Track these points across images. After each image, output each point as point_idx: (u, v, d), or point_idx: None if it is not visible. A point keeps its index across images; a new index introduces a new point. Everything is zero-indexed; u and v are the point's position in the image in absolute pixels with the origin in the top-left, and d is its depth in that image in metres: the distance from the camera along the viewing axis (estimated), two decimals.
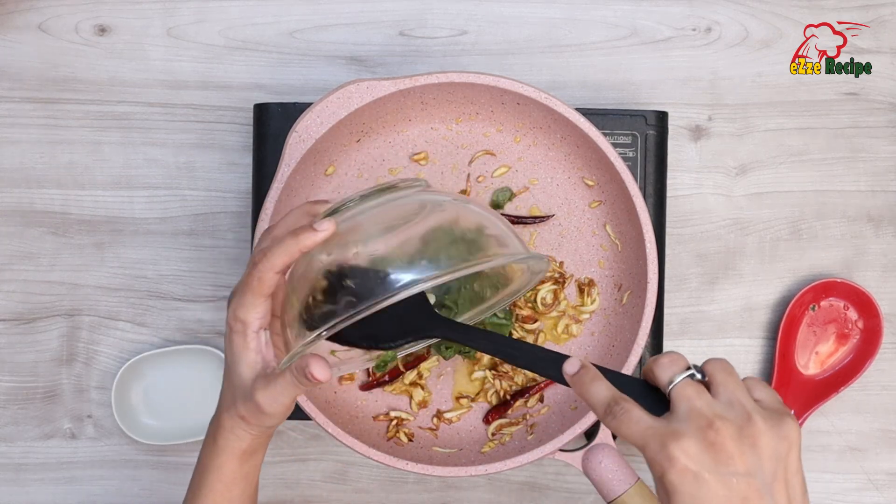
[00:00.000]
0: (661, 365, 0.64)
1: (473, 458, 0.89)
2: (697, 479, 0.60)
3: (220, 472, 0.75)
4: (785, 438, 0.62)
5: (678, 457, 0.60)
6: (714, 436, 0.60)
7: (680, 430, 0.61)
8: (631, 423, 0.63)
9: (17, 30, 1.01)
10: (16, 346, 1.01)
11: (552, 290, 0.93)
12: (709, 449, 0.60)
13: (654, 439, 0.61)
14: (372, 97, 0.86)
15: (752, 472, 0.61)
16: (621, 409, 0.63)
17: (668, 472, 0.60)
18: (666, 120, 0.96)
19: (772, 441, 0.61)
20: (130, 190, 1.01)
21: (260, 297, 0.69)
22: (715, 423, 0.61)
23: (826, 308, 1.03)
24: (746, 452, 0.61)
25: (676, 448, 0.60)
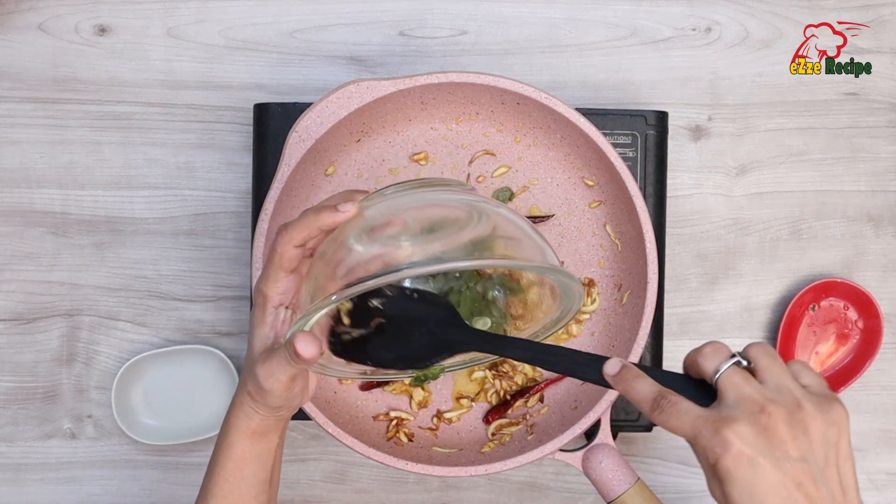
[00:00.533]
0: (704, 355, 0.63)
1: (473, 458, 0.89)
2: (753, 463, 0.60)
3: (230, 449, 0.75)
4: (835, 423, 0.61)
5: (733, 441, 0.60)
6: (767, 420, 0.60)
7: (732, 416, 0.61)
8: (680, 414, 0.62)
9: (17, 30, 1.01)
10: (16, 346, 1.01)
11: None
12: (762, 433, 0.60)
13: (705, 427, 0.61)
14: (372, 97, 0.86)
15: (805, 457, 0.60)
16: (668, 403, 0.63)
17: (723, 458, 0.60)
18: (666, 120, 0.96)
19: (822, 426, 0.61)
20: (130, 190, 1.01)
21: (281, 272, 0.69)
22: (767, 407, 0.60)
23: (826, 308, 1.03)
24: (799, 437, 0.60)
25: (730, 433, 0.60)
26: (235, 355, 1.01)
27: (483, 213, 0.68)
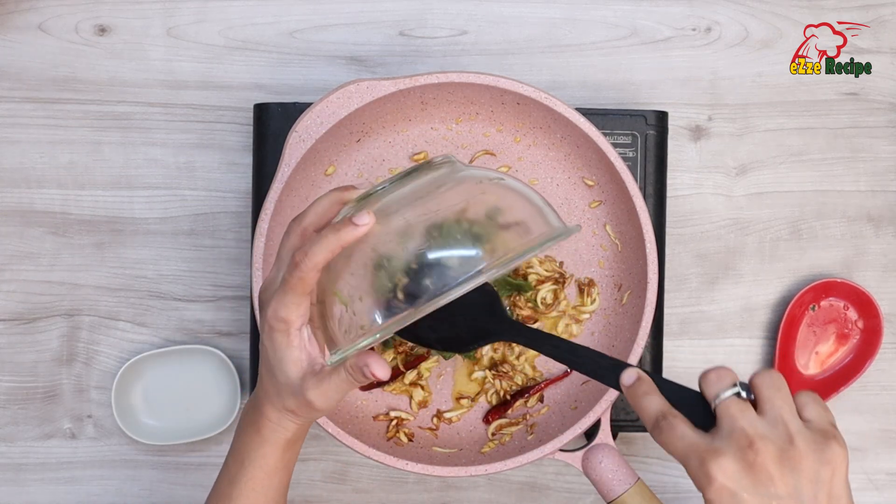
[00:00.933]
0: (707, 380, 0.64)
1: (473, 458, 0.89)
2: (735, 498, 0.60)
3: (263, 461, 0.75)
4: (828, 463, 0.61)
5: (716, 475, 0.60)
6: (754, 457, 0.60)
7: (720, 448, 0.61)
8: (675, 438, 0.63)
9: (17, 30, 1.01)
10: (16, 346, 1.01)
11: (552, 289, 0.93)
12: (748, 469, 0.60)
13: (694, 456, 0.62)
14: (372, 97, 0.86)
15: (792, 495, 0.60)
16: (668, 424, 0.64)
17: (707, 490, 0.61)
18: (666, 120, 0.96)
19: (814, 465, 0.61)
20: (130, 190, 1.01)
21: (303, 297, 0.68)
22: (756, 443, 0.61)
23: (826, 308, 1.03)
24: (787, 475, 0.61)
25: (715, 466, 0.61)
26: (235, 355, 1.01)
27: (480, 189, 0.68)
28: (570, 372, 0.93)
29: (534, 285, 0.92)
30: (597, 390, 0.89)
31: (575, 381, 0.93)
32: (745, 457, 0.61)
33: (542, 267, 0.93)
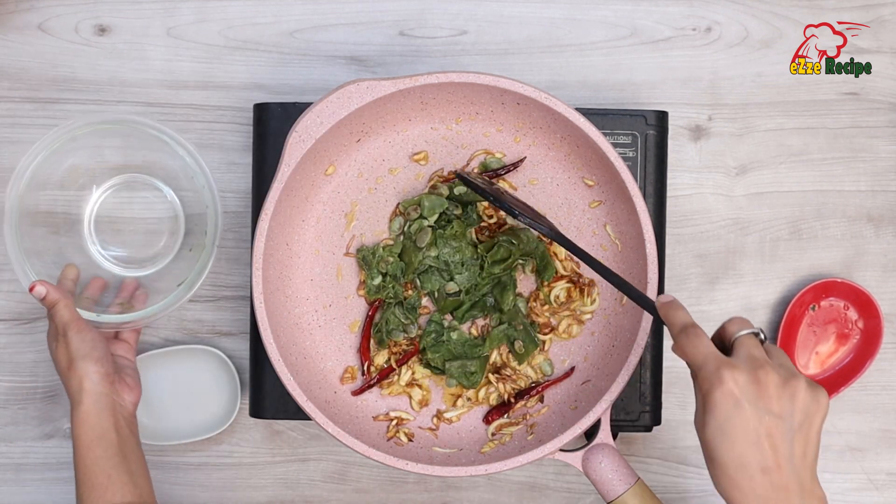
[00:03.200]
0: (731, 322, 0.75)
1: (473, 458, 0.89)
2: (737, 404, 0.69)
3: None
4: (818, 401, 0.71)
5: (727, 380, 0.70)
6: (763, 375, 0.70)
7: (736, 363, 0.71)
8: (699, 344, 0.72)
9: (17, 30, 1.01)
10: (16, 346, 1.01)
11: (566, 287, 0.93)
12: (755, 384, 0.70)
13: (712, 362, 0.71)
14: (372, 97, 0.86)
15: (783, 416, 0.70)
16: (694, 332, 0.73)
17: (715, 391, 0.70)
18: (666, 120, 0.96)
19: (808, 399, 0.70)
20: (130, 190, 1.01)
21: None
22: (766, 366, 0.70)
23: (826, 308, 1.03)
24: (784, 399, 0.70)
25: (728, 374, 0.70)
26: (235, 355, 1.01)
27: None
28: (571, 372, 0.93)
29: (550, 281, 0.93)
30: (597, 390, 0.89)
31: (575, 381, 0.93)
32: (755, 373, 0.70)
33: (562, 264, 0.93)
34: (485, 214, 0.93)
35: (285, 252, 0.91)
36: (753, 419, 0.69)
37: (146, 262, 1.01)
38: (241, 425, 1.02)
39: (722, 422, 0.69)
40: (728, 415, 0.69)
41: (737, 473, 0.69)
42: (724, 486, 0.70)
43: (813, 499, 0.70)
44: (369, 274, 0.93)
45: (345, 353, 0.94)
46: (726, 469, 0.70)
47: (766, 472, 0.69)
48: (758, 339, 0.73)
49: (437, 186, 0.93)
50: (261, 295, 0.86)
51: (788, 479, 0.69)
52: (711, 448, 0.70)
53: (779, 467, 0.69)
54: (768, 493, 0.69)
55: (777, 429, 0.69)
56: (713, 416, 0.70)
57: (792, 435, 0.70)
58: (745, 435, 0.69)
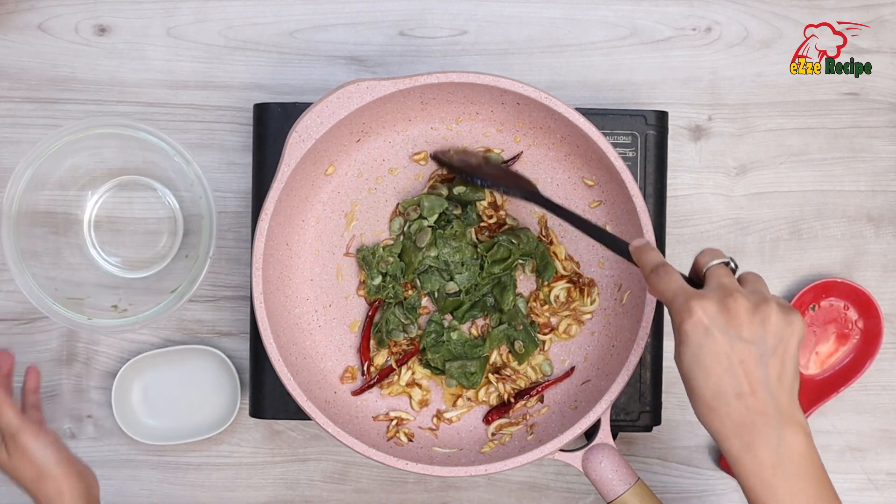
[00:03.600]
0: (702, 254, 0.75)
1: (473, 458, 0.89)
2: (707, 332, 0.70)
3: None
4: (791, 325, 0.71)
5: (696, 310, 0.70)
6: (732, 303, 0.70)
7: (705, 293, 0.71)
8: (670, 280, 0.73)
9: (17, 30, 1.01)
10: (16, 346, 1.01)
11: (566, 287, 0.93)
12: (724, 312, 0.70)
13: (681, 295, 0.72)
14: (372, 97, 0.85)
15: (755, 341, 0.70)
16: (665, 270, 0.74)
17: (685, 322, 0.71)
18: (666, 120, 0.96)
19: (780, 322, 0.71)
20: (130, 190, 1.01)
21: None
22: (735, 293, 0.71)
23: (826, 308, 1.03)
24: (755, 324, 0.70)
25: (697, 304, 0.70)
26: (235, 355, 1.01)
27: None
28: (571, 372, 0.93)
29: (551, 281, 0.93)
30: (597, 390, 0.89)
31: (575, 381, 0.93)
32: (724, 301, 0.70)
33: (562, 264, 0.93)
34: (485, 214, 0.93)
35: (285, 252, 0.91)
36: (725, 346, 0.70)
37: (145, 263, 1.01)
38: (241, 425, 1.02)
39: (695, 351, 0.70)
40: (700, 344, 0.70)
41: (713, 401, 0.70)
42: (703, 414, 0.71)
43: (792, 423, 0.70)
44: (369, 274, 0.93)
45: (345, 353, 0.94)
46: (703, 398, 0.71)
47: (741, 398, 0.70)
48: (728, 269, 0.74)
49: (436, 186, 0.93)
50: (261, 295, 0.86)
51: (765, 403, 0.70)
52: (688, 379, 0.71)
53: (753, 392, 0.70)
54: (744, 417, 0.70)
55: (749, 354, 0.70)
56: (686, 346, 0.71)
57: (766, 359, 0.70)
58: (717, 362, 0.70)
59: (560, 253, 0.93)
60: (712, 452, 1.03)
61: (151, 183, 1.01)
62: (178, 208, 1.01)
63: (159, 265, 1.01)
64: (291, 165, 0.86)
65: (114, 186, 1.01)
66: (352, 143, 0.91)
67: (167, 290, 0.94)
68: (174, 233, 1.01)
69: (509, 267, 0.92)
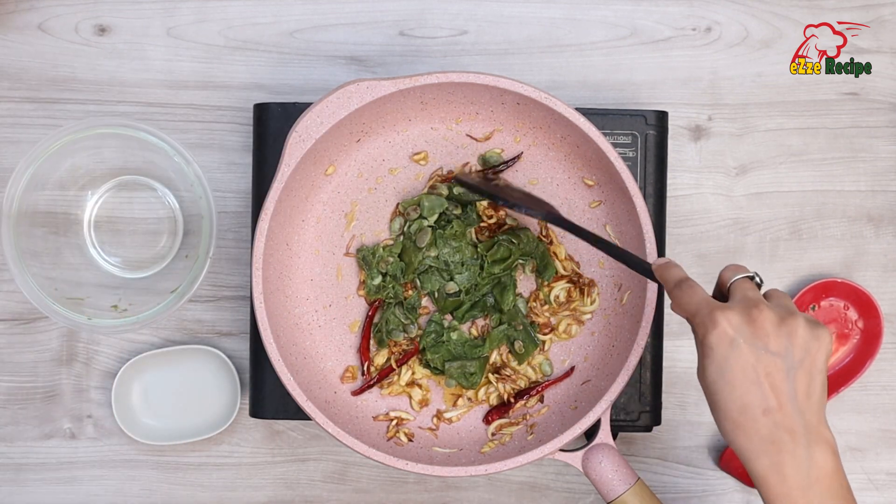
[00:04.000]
0: (727, 269, 0.74)
1: (473, 458, 0.89)
2: (733, 344, 0.68)
3: None
4: (818, 339, 0.69)
5: (720, 321, 0.69)
6: (758, 314, 0.69)
7: (730, 305, 0.70)
8: (693, 294, 0.72)
9: (17, 30, 1.01)
10: (16, 346, 1.01)
11: (566, 287, 0.93)
12: (749, 323, 0.68)
13: (705, 307, 0.70)
14: (372, 97, 0.86)
15: (781, 353, 0.68)
16: (688, 285, 0.73)
17: (710, 334, 0.69)
18: (666, 120, 0.96)
19: (807, 336, 0.69)
20: (130, 190, 1.01)
21: None
22: (761, 305, 0.69)
23: (826, 308, 1.03)
24: (782, 336, 0.68)
25: (721, 315, 0.69)
26: (235, 355, 1.01)
27: None
28: (571, 372, 0.93)
29: (551, 281, 0.93)
30: (597, 390, 0.89)
31: (575, 381, 0.93)
32: (749, 313, 0.69)
33: (562, 264, 0.93)
34: (484, 214, 0.93)
35: (285, 252, 0.91)
36: (751, 358, 0.68)
37: (145, 263, 1.01)
38: (241, 425, 1.02)
39: (720, 364, 0.68)
40: (725, 356, 0.68)
41: (739, 416, 0.68)
42: (728, 430, 0.69)
43: (820, 441, 0.68)
44: (369, 274, 0.93)
45: (345, 353, 0.94)
46: (728, 412, 0.68)
47: (768, 413, 0.67)
48: (753, 283, 0.73)
49: (436, 186, 0.93)
50: (261, 295, 0.86)
51: (793, 419, 0.68)
52: (712, 392, 0.69)
53: (781, 407, 0.68)
54: (772, 433, 0.67)
55: (776, 367, 0.68)
56: (711, 359, 0.69)
57: (793, 373, 0.68)
58: (743, 375, 0.68)
59: (560, 253, 0.93)
60: (712, 452, 1.03)
61: (151, 183, 1.01)
62: (178, 208, 1.01)
63: (159, 265, 1.01)
64: (291, 165, 0.86)
65: (114, 186, 1.01)
66: (352, 143, 0.91)
67: (167, 290, 0.94)
68: (174, 233, 1.01)
69: (509, 267, 0.92)
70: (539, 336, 0.93)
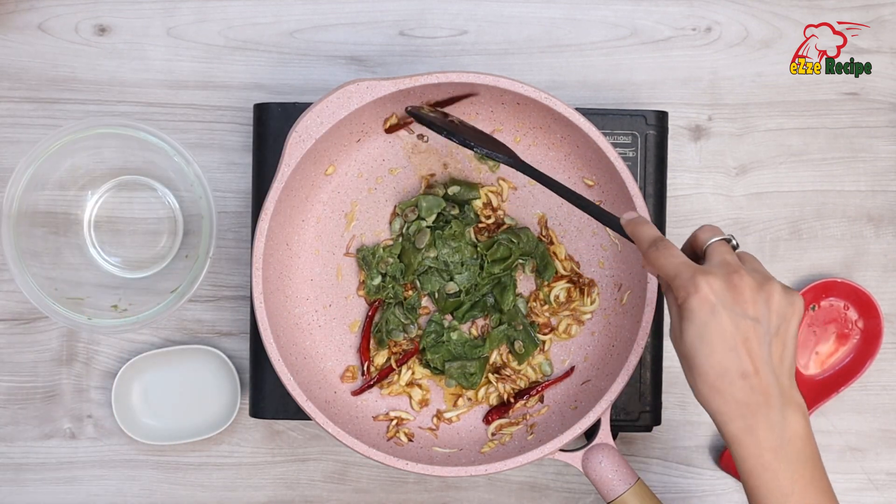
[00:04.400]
0: (702, 230, 0.74)
1: (473, 458, 0.89)
2: (713, 310, 0.69)
3: None
4: (793, 304, 0.71)
5: (703, 287, 0.69)
6: (738, 280, 0.70)
7: (710, 269, 0.70)
8: (670, 255, 0.72)
9: (17, 30, 1.01)
10: (16, 346, 1.01)
11: (566, 287, 0.93)
12: (730, 289, 0.69)
13: (686, 270, 0.70)
14: (372, 97, 0.85)
15: (759, 319, 0.70)
16: (664, 245, 0.73)
17: (690, 298, 0.69)
18: (666, 120, 0.96)
19: (783, 301, 0.71)
20: (130, 190, 1.01)
21: None
22: (741, 270, 0.70)
23: (826, 308, 1.03)
24: (759, 302, 0.70)
25: (703, 280, 0.69)
26: (235, 355, 1.01)
27: None
28: (571, 372, 0.93)
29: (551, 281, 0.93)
30: (597, 390, 0.89)
31: (575, 381, 0.93)
32: (730, 279, 0.70)
33: (562, 264, 0.93)
34: (482, 215, 0.93)
35: (285, 252, 0.91)
36: (730, 324, 0.69)
37: (145, 263, 1.01)
38: (241, 425, 1.02)
39: (700, 329, 0.69)
40: (705, 321, 0.69)
41: (717, 380, 0.69)
42: (705, 393, 0.70)
43: (791, 404, 0.70)
44: (369, 274, 0.93)
45: (345, 353, 0.94)
46: (706, 376, 0.70)
47: (745, 377, 0.69)
48: (730, 245, 0.73)
49: (432, 185, 0.93)
50: (261, 295, 0.86)
51: (768, 383, 0.69)
52: (690, 356, 0.70)
53: (757, 372, 0.69)
54: (748, 397, 0.69)
55: (754, 332, 0.69)
56: (691, 323, 0.69)
57: (769, 338, 0.70)
58: (723, 340, 0.69)
59: (560, 253, 0.93)
60: (712, 452, 1.03)
61: (151, 183, 1.01)
62: (178, 208, 1.01)
63: (159, 265, 1.01)
64: (291, 165, 0.86)
65: (114, 186, 1.01)
66: (352, 143, 0.91)
67: (167, 290, 0.94)
68: (174, 233, 1.01)
69: (509, 267, 0.92)
70: (539, 336, 0.93)
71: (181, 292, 0.93)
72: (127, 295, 0.98)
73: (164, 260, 1.01)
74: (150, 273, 1.01)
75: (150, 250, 1.01)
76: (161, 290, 0.96)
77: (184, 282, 0.93)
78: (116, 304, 0.96)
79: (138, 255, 1.01)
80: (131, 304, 0.96)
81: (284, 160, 0.86)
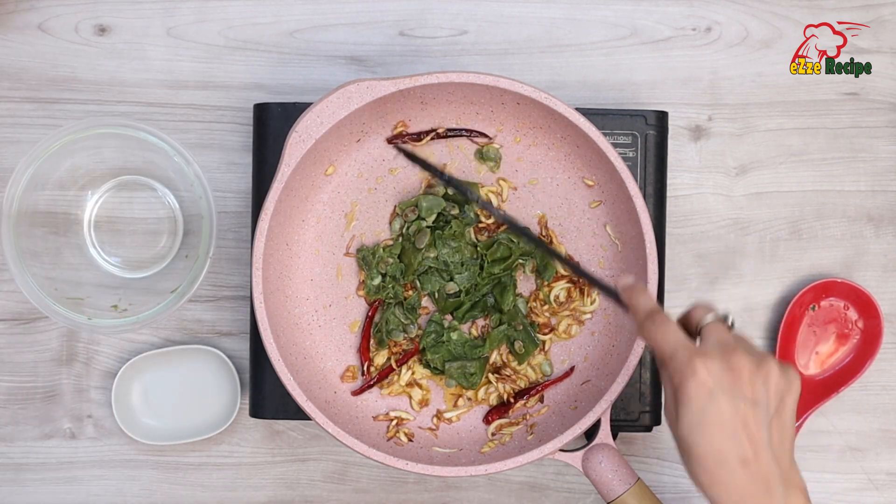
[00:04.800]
0: (696, 308, 0.73)
1: (473, 458, 0.89)
2: (711, 394, 0.67)
3: None
4: (790, 383, 0.70)
5: (700, 370, 0.67)
6: (736, 361, 0.68)
7: (708, 351, 0.69)
8: (668, 332, 0.70)
9: (17, 30, 1.01)
10: (16, 346, 1.01)
11: (566, 287, 0.93)
12: (728, 371, 0.67)
13: (683, 351, 0.69)
14: (372, 97, 0.86)
15: (758, 401, 0.68)
16: (661, 319, 0.71)
17: (687, 382, 0.67)
18: (666, 120, 0.96)
19: (781, 381, 0.69)
20: (130, 190, 1.01)
21: None
22: (738, 351, 0.68)
23: (826, 308, 1.03)
24: (758, 383, 0.68)
25: (701, 363, 0.67)
26: (235, 355, 1.01)
27: None
28: (571, 372, 0.93)
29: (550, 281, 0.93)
30: (597, 390, 0.89)
31: (575, 381, 0.93)
32: (728, 360, 0.68)
33: (562, 265, 0.93)
34: (482, 214, 0.93)
35: (285, 252, 0.91)
36: (729, 409, 0.67)
37: (145, 263, 1.01)
38: (241, 425, 1.02)
39: (697, 414, 0.67)
40: (703, 407, 0.67)
41: (717, 468, 0.67)
42: (704, 481, 0.68)
43: (792, 487, 0.69)
44: (369, 274, 0.93)
45: (345, 353, 0.94)
46: (705, 464, 0.68)
47: (745, 464, 0.67)
48: (726, 325, 0.72)
49: (432, 185, 0.93)
50: (261, 295, 0.86)
51: (769, 469, 0.68)
52: (688, 443, 0.68)
53: (757, 457, 0.67)
54: (749, 485, 0.67)
55: (753, 416, 0.67)
56: (688, 408, 0.67)
57: (768, 420, 0.68)
58: (721, 427, 0.67)
59: (560, 253, 0.93)
60: None
61: (151, 183, 1.01)
62: (178, 208, 1.01)
63: (159, 265, 1.01)
64: (291, 165, 0.86)
65: (114, 186, 1.01)
66: (352, 143, 0.91)
67: (167, 290, 0.94)
68: (174, 233, 1.01)
69: (509, 267, 0.92)
70: (539, 336, 0.93)
71: (181, 292, 0.93)
72: (127, 295, 0.98)
73: (164, 260, 1.01)
74: (150, 273, 1.01)
75: (150, 250, 1.01)
76: (161, 290, 0.96)
77: (184, 282, 0.93)
78: (116, 304, 0.96)
79: (138, 255, 1.01)
80: (131, 304, 0.96)
81: (284, 160, 0.86)
